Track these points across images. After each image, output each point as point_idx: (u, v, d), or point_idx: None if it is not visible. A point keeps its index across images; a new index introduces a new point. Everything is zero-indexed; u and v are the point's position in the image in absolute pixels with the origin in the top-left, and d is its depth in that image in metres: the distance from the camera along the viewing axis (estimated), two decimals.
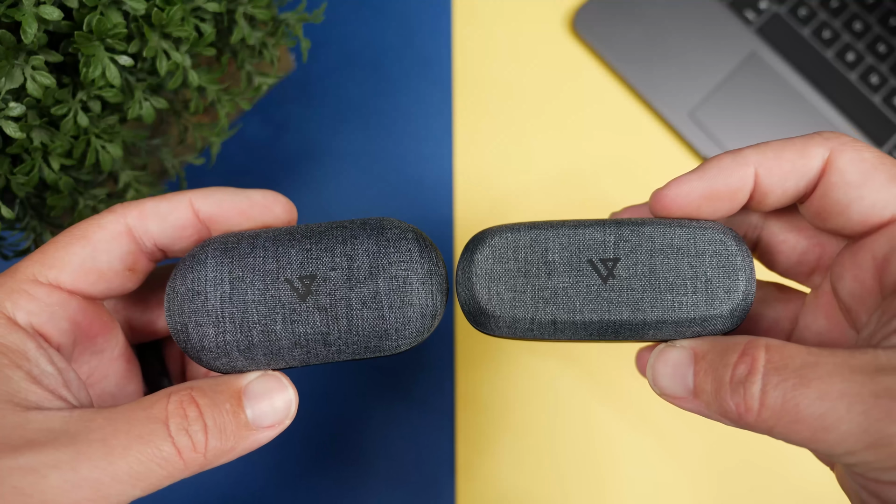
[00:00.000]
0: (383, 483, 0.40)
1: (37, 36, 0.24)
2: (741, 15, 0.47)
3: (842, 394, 0.16)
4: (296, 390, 0.21)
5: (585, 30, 0.46)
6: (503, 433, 0.40)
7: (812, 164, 0.20)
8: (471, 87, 0.46)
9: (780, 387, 0.17)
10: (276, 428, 0.20)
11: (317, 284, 0.20)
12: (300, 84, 0.46)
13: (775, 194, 0.21)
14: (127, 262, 0.21)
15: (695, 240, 0.21)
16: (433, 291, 0.21)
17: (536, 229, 0.22)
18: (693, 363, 0.20)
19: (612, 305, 0.21)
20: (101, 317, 0.21)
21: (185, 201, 0.22)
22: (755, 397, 0.17)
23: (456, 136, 0.45)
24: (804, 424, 0.16)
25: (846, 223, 0.20)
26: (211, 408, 0.18)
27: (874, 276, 0.20)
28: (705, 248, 0.21)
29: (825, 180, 0.20)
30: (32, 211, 0.30)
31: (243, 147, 0.44)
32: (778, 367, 0.17)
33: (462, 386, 0.41)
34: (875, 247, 0.20)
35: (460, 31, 0.47)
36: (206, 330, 0.20)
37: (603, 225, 0.21)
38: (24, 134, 0.25)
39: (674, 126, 0.45)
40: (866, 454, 0.16)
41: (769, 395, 0.17)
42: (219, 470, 0.40)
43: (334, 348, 0.21)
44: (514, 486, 0.40)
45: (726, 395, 0.18)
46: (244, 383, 0.20)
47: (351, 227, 0.21)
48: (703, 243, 0.21)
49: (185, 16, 0.27)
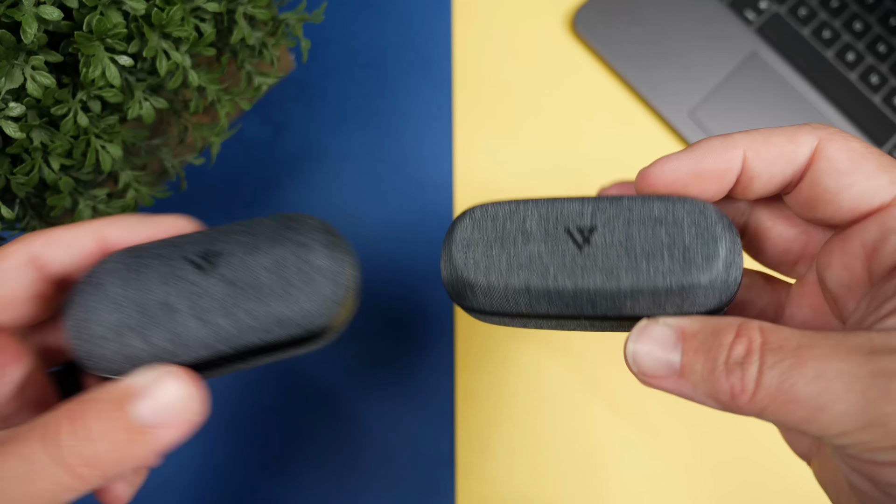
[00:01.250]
0: (383, 483, 0.40)
1: (37, 36, 0.24)
2: (741, 15, 0.47)
3: (839, 374, 0.16)
4: (200, 385, 0.20)
5: (585, 30, 0.46)
6: (503, 433, 0.40)
7: (800, 150, 0.20)
8: (471, 87, 0.46)
9: (777, 367, 0.17)
10: (175, 427, 0.19)
11: (219, 259, 0.20)
12: (300, 84, 0.46)
13: (762, 179, 0.21)
14: (32, 290, 0.21)
15: (673, 210, 0.20)
16: (338, 257, 0.21)
17: (518, 202, 0.22)
18: (681, 341, 0.19)
19: (585, 272, 0.20)
20: (5, 344, 0.21)
21: (91, 230, 0.22)
22: (752, 378, 0.17)
23: (456, 136, 0.45)
24: (800, 405, 0.16)
25: (836, 211, 0.20)
26: (94, 415, 0.17)
27: (863, 263, 0.20)
28: (683, 217, 0.20)
29: (814, 168, 0.20)
30: (32, 211, 0.30)
31: (243, 147, 0.44)
32: (774, 348, 0.17)
33: (462, 386, 0.41)
34: (865, 234, 0.20)
35: (460, 31, 0.47)
36: (102, 318, 0.19)
37: (583, 199, 0.21)
38: (24, 134, 0.25)
39: (674, 126, 0.45)
40: (862, 434, 0.16)
41: (766, 375, 0.17)
42: (218, 470, 0.40)
43: (237, 322, 0.20)
44: (514, 486, 0.40)
45: (721, 377, 0.18)
46: (130, 381, 0.18)
47: (252, 222, 0.21)
48: (681, 213, 0.20)
49: (185, 16, 0.27)
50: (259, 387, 0.41)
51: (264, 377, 0.41)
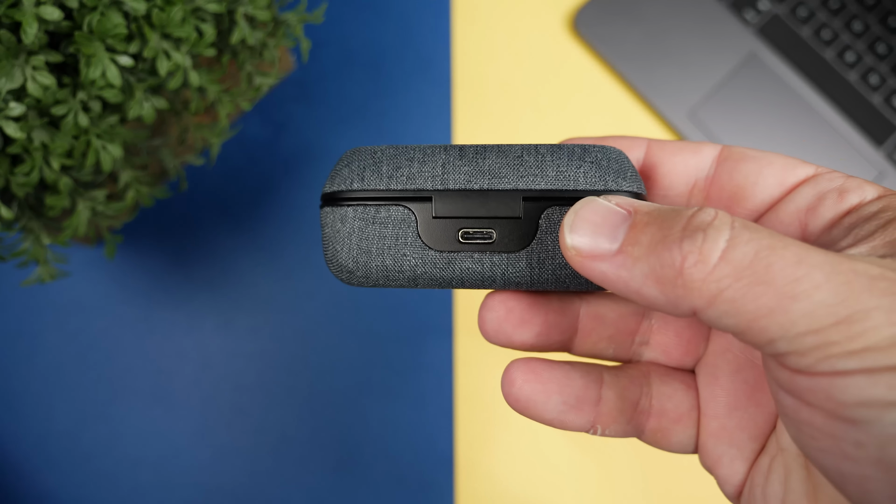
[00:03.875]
0: (383, 482, 0.40)
1: (37, 36, 0.24)
2: (741, 15, 0.47)
3: (823, 262, 0.14)
4: None
5: (585, 29, 0.46)
6: (503, 432, 0.40)
7: (704, 149, 0.21)
8: (471, 87, 0.46)
9: (753, 244, 0.14)
10: None
11: None
12: (300, 84, 0.46)
13: (665, 168, 0.22)
14: None
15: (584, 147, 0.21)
16: None
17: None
18: (630, 217, 0.17)
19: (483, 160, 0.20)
20: None
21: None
22: (718, 247, 0.15)
23: (456, 136, 0.45)
24: (771, 288, 0.14)
25: (764, 189, 0.20)
26: None
27: (798, 226, 0.20)
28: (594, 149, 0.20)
29: (728, 162, 0.21)
30: (31, 212, 0.29)
31: (243, 147, 0.44)
32: (748, 227, 0.15)
33: (461, 385, 0.41)
34: (798, 199, 0.20)
35: (460, 31, 0.47)
36: None
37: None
38: (24, 134, 0.25)
39: (673, 126, 0.45)
40: (834, 332, 0.14)
41: (738, 248, 0.14)
42: (216, 469, 0.40)
43: None
44: (513, 486, 0.40)
45: (673, 243, 0.15)
46: None
47: None
48: (594, 150, 0.21)
49: (185, 16, 0.27)
50: (259, 387, 0.41)
51: (264, 377, 0.41)
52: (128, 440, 0.40)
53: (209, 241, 0.43)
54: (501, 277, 0.20)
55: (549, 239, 0.20)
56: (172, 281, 0.42)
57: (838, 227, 0.18)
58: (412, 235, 0.20)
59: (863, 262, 0.14)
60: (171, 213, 0.43)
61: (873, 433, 0.14)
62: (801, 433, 0.15)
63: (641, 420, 0.22)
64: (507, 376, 0.22)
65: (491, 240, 0.20)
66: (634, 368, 0.23)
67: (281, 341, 0.41)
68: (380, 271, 0.20)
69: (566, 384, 0.22)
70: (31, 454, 0.40)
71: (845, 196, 0.18)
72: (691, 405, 0.22)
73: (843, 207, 0.18)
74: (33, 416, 0.40)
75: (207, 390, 0.41)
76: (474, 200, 0.20)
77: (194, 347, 0.41)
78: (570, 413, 0.22)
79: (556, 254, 0.20)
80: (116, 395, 0.41)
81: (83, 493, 0.39)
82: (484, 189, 0.20)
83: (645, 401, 0.22)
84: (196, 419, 0.40)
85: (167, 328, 0.41)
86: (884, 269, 0.14)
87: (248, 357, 0.41)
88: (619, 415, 0.22)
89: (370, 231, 0.20)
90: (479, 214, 0.20)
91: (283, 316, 0.42)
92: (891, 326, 0.13)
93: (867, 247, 0.16)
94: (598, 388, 0.22)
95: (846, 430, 0.14)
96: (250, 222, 0.43)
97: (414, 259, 0.20)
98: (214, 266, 0.42)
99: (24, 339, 0.41)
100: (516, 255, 0.20)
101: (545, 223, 0.20)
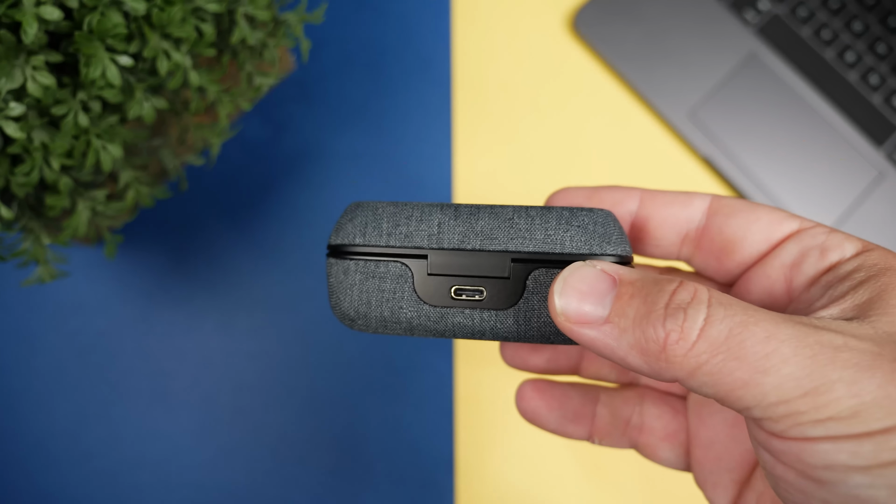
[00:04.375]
0: (383, 482, 0.40)
1: (37, 36, 0.24)
2: (741, 15, 0.47)
3: (790, 337, 0.15)
4: None
5: (585, 30, 0.46)
6: (503, 433, 0.40)
7: (695, 201, 0.23)
8: (471, 87, 0.46)
9: (727, 321, 0.16)
10: None
11: None
12: (300, 84, 0.46)
13: (655, 220, 0.23)
14: None
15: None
16: None
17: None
18: (616, 286, 0.18)
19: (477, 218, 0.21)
20: None
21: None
22: (696, 326, 0.16)
23: (456, 136, 0.45)
24: (744, 363, 0.15)
25: (751, 245, 0.21)
26: None
27: (784, 282, 0.21)
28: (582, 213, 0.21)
29: (718, 216, 0.22)
30: (31, 212, 0.29)
31: (243, 147, 0.44)
32: (724, 303, 0.16)
33: (461, 385, 0.41)
34: (783, 255, 0.21)
35: (460, 31, 0.47)
36: None
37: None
38: (24, 134, 0.25)
39: (673, 126, 0.45)
40: (801, 402, 0.15)
41: (714, 326, 0.16)
42: (216, 469, 0.40)
43: None
44: (513, 486, 0.40)
45: (658, 321, 0.16)
46: None
47: None
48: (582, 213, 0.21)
49: (185, 16, 0.27)
50: (259, 387, 0.41)
51: (264, 377, 0.41)
52: (128, 440, 0.40)
53: (209, 241, 0.43)
54: (491, 332, 0.21)
55: (536, 299, 0.21)
56: (172, 281, 0.42)
57: (817, 285, 0.19)
58: (409, 290, 0.21)
59: (828, 333, 0.16)
60: (171, 213, 0.43)
61: (839, 493, 0.15)
62: (777, 485, 0.17)
63: (634, 435, 0.26)
64: (519, 393, 0.26)
65: (481, 297, 0.21)
66: (630, 390, 0.26)
67: (281, 341, 0.41)
68: (378, 321, 0.21)
69: (565, 402, 0.26)
70: (31, 454, 0.40)
71: (826, 254, 0.20)
72: (679, 427, 0.25)
73: (823, 265, 0.20)
74: (33, 416, 0.40)
75: (207, 390, 0.41)
76: (466, 260, 0.21)
77: (194, 347, 0.41)
78: (568, 425, 0.26)
79: (542, 312, 0.21)
80: (116, 395, 0.41)
81: (83, 493, 0.39)
82: (476, 249, 0.21)
83: (637, 418, 0.25)
84: (196, 419, 0.40)
85: (167, 328, 0.41)
86: (847, 339, 0.15)
87: (248, 357, 0.41)
88: (613, 429, 0.26)
89: (370, 284, 0.21)
90: (470, 273, 0.21)
91: (283, 316, 0.42)
92: (851, 398, 0.15)
93: (838, 309, 0.17)
94: (593, 406, 0.26)
95: (815, 488, 0.16)
96: (250, 222, 0.43)
97: (410, 312, 0.21)
98: (214, 266, 0.42)
99: (24, 339, 0.41)
100: (505, 313, 0.21)
101: (532, 284, 0.21)
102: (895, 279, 0.17)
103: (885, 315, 0.16)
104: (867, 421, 0.14)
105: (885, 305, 0.17)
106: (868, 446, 0.14)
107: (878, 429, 0.14)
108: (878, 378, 0.15)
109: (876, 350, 0.15)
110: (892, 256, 0.19)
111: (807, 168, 0.44)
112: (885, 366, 0.15)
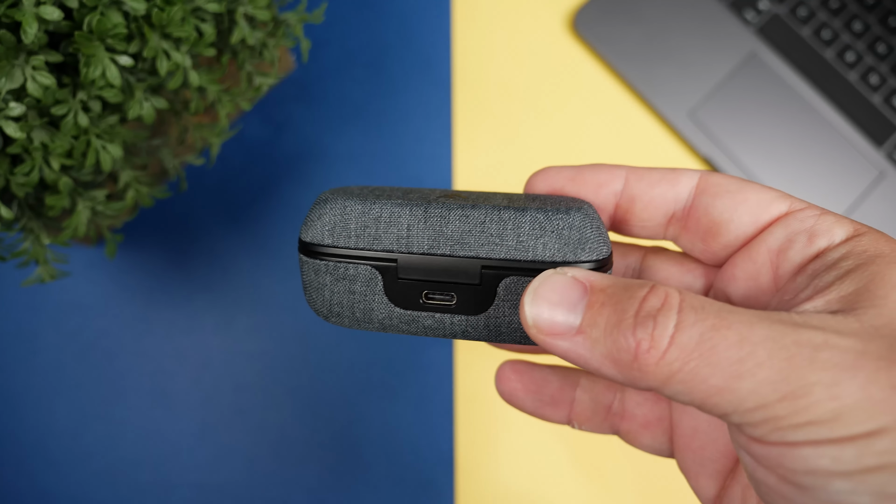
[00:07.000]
0: (383, 482, 0.40)
1: (37, 36, 0.24)
2: (741, 15, 0.47)
3: (764, 339, 0.15)
4: None
5: (585, 30, 0.46)
6: (503, 432, 0.40)
7: (683, 179, 0.22)
8: (471, 87, 0.46)
9: (698, 326, 0.15)
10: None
11: None
12: (300, 84, 0.46)
13: (643, 201, 0.22)
14: None
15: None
16: None
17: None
18: (587, 294, 0.17)
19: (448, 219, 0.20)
20: None
21: None
22: (667, 333, 0.15)
23: (456, 136, 0.45)
24: (717, 370, 0.15)
25: (737, 228, 0.21)
26: None
27: (770, 268, 0.20)
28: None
29: (705, 195, 0.21)
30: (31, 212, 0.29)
31: (243, 147, 0.44)
32: (695, 307, 0.15)
33: (461, 385, 0.41)
34: (770, 240, 0.20)
35: (460, 31, 0.47)
36: None
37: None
38: (24, 134, 0.25)
39: (673, 126, 0.45)
40: (780, 407, 0.14)
41: (685, 332, 0.15)
42: (216, 469, 0.40)
43: None
44: (513, 486, 0.40)
45: (627, 330, 0.16)
46: None
47: None
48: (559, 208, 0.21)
49: (185, 16, 0.27)
50: (259, 387, 0.41)
51: (264, 377, 0.41)
52: (128, 440, 0.40)
53: (209, 241, 0.43)
54: (462, 335, 0.21)
55: (507, 306, 0.20)
56: (172, 281, 0.42)
57: (804, 273, 0.18)
58: (379, 293, 0.21)
59: (808, 331, 0.15)
60: (171, 213, 0.43)
61: (821, 499, 0.15)
62: (759, 489, 0.17)
63: (615, 421, 0.25)
64: (498, 373, 0.26)
65: (452, 302, 0.20)
66: None
67: (281, 341, 0.41)
68: (351, 320, 0.21)
69: (543, 385, 0.26)
70: (31, 454, 0.40)
71: (814, 240, 0.19)
72: (661, 415, 0.24)
73: (810, 252, 0.19)
74: (33, 415, 0.40)
75: (207, 390, 0.41)
76: (436, 266, 0.20)
77: (194, 347, 0.41)
78: (546, 409, 0.26)
79: (513, 319, 0.20)
80: (116, 395, 0.41)
81: (83, 492, 0.39)
82: (445, 255, 0.20)
83: (618, 405, 0.25)
84: (196, 419, 0.40)
85: (167, 328, 0.41)
86: (828, 336, 0.15)
87: (248, 357, 0.41)
88: (593, 415, 0.25)
89: (341, 286, 0.21)
90: (440, 279, 0.20)
91: (283, 316, 0.42)
92: (831, 401, 0.14)
93: (823, 301, 0.17)
94: (572, 391, 0.26)
95: (797, 493, 0.15)
96: (250, 222, 0.43)
97: (381, 313, 0.21)
98: (214, 266, 0.42)
99: (24, 339, 0.41)
100: (475, 318, 0.21)
101: (503, 291, 0.20)
102: (885, 268, 0.16)
103: (872, 307, 0.15)
104: (848, 424, 0.14)
105: (873, 297, 0.16)
106: (850, 451, 0.14)
107: (860, 432, 0.14)
108: (859, 379, 0.14)
109: (859, 348, 0.14)
110: (883, 241, 0.18)
111: (807, 168, 0.44)
112: (867, 365, 0.14)
